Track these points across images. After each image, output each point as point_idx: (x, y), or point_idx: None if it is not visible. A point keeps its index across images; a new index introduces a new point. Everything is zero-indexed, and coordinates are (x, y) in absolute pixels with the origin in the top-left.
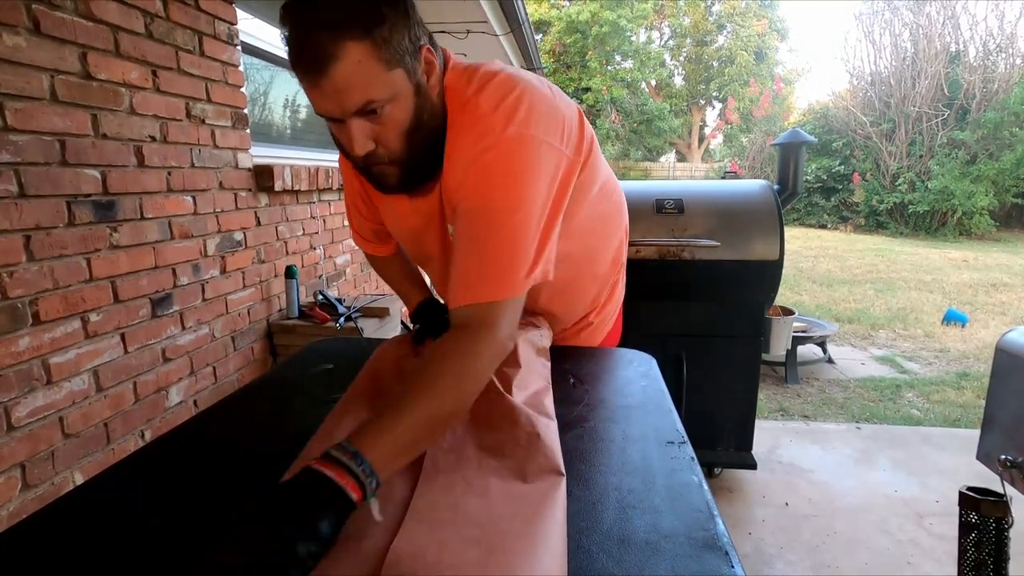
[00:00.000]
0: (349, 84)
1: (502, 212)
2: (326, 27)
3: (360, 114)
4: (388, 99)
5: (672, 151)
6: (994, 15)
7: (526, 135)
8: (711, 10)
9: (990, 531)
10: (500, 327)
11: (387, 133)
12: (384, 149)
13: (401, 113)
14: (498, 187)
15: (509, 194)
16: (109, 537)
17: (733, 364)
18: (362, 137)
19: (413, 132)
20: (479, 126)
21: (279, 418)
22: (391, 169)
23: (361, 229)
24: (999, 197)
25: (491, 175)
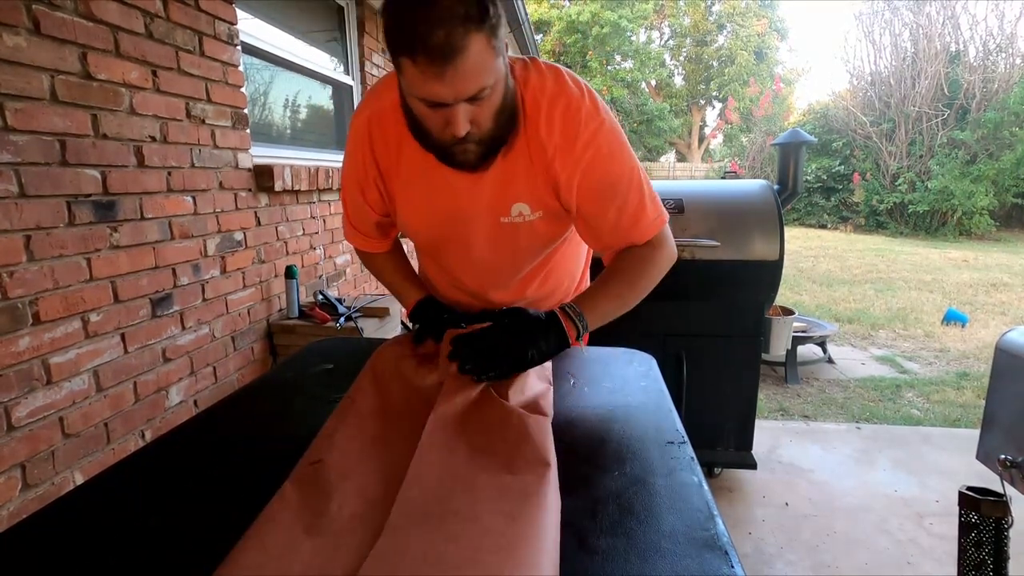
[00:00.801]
0: (470, 73)
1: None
2: (453, 19)
3: (468, 99)
4: (493, 84)
5: (672, 151)
6: (994, 15)
7: (607, 110)
8: (711, 10)
9: (990, 531)
10: (667, 244)
11: (483, 114)
12: (476, 129)
13: (497, 96)
14: (618, 157)
15: (626, 159)
16: (109, 537)
17: (733, 364)
18: (465, 120)
19: (501, 113)
20: (580, 113)
21: (279, 418)
22: (474, 147)
23: (361, 224)
24: (999, 197)
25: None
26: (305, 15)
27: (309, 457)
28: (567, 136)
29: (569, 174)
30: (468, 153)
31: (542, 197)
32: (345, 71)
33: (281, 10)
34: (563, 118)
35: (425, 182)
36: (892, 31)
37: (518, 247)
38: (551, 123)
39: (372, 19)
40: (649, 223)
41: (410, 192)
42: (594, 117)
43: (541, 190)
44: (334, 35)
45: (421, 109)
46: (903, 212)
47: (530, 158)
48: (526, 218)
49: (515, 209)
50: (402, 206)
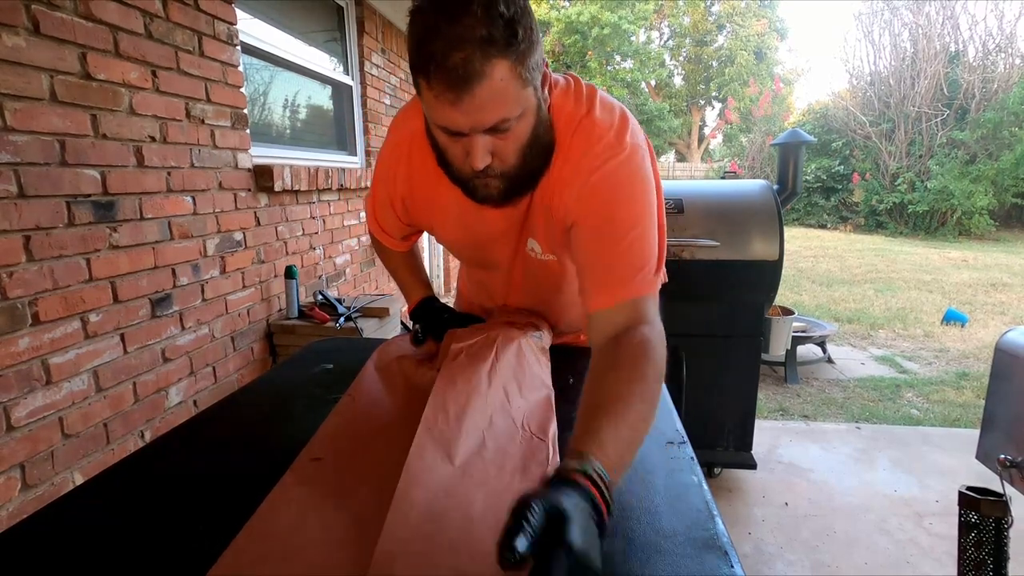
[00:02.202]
0: (490, 102)
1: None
2: (475, 43)
3: (488, 130)
4: (518, 116)
5: (672, 151)
6: (993, 15)
7: (636, 146)
8: (711, 10)
9: (990, 531)
10: (658, 321)
11: (507, 148)
12: (499, 162)
13: (524, 129)
14: (624, 200)
15: (638, 201)
16: (109, 537)
17: (733, 364)
18: (484, 152)
19: (529, 147)
20: (601, 142)
21: (279, 418)
22: (496, 182)
23: (388, 226)
24: (998, 197)
25: (617, 189)
26: (305, 15)
27: (309, 453)
28: (579, 164)
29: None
30: (490, 188)
31: (553, 237)
32: (345, 71)
33: (281, 10)
34: (580, 145)
35: (457, 205)
36: (892, 31)
37: (547, 280)
38: (569, 152)
39: (372, 19)
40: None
41: (445, 210)
42: (614, 147)
43: (549, 228)
44: (334, 35)
45: (441, 136)
46: (903, 212)
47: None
48: (538, 256)
49: (530, 244)
50: (438, 222)
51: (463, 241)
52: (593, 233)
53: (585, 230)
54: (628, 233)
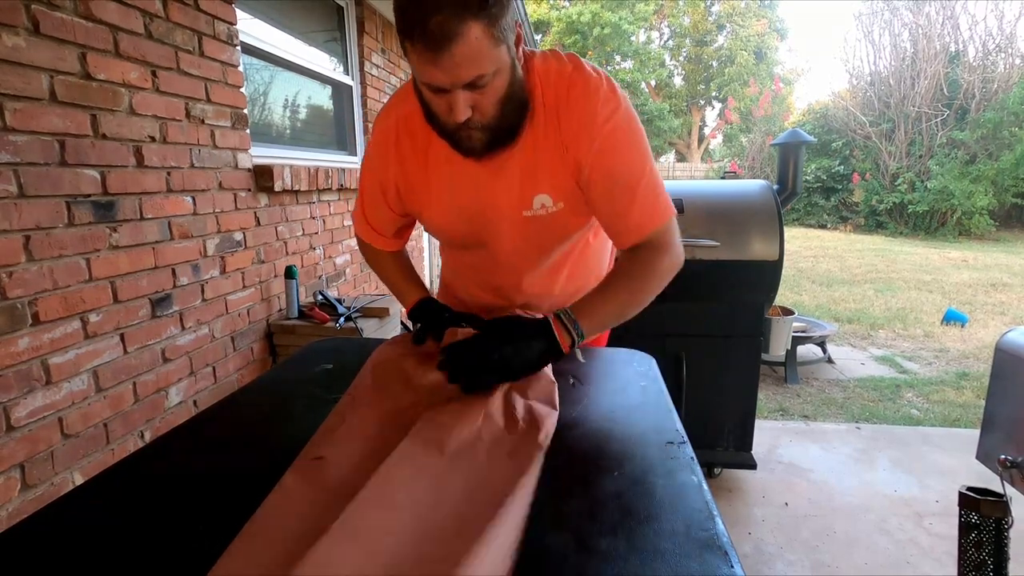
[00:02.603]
0: (465, 60)
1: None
2: (451, 7)
3: (467, 86)
4: (493, 73)
5: (672, 151)
6: (993, 15)
7: (626, 97)
8: (711, 10)
9: (990, 531)
10: (673, 244)
11: (485, 102)
12: (479, 115)
13: (500, 84)
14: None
15: (638, 140)
16: (109, 537)
17: (733, 364)
18: (464, 106)
19: (506, 101)
20: (599, 95)
21: (279, 418)
22: (479, 134)
23: (377, 221)
24: (998, 197)
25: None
26: (305, 15)
27: (310, 452)
28: (585, 116)
29: (586, 153)
30: (473, 140)
31: (564, 185)
32: (345, 71)
33: (281, 10)
34: (582, 99)
35: (451, 179)
36: (892, 31)
37: (542, 241)
38: (570, 105)
39: (372, 19)
40: (657, 214)
41: (437, 190)
42: (611, 99)
43: (562, 177)
44: (334, 35)
45: (427, 94)
46: (903, 212)
47: (550, 145)
48: (548, 210)
49: (537, 201)
50: (429, 204)
51: (458, 219)
52: (613, 182)
53: (605, 180)
54: (642, 178)
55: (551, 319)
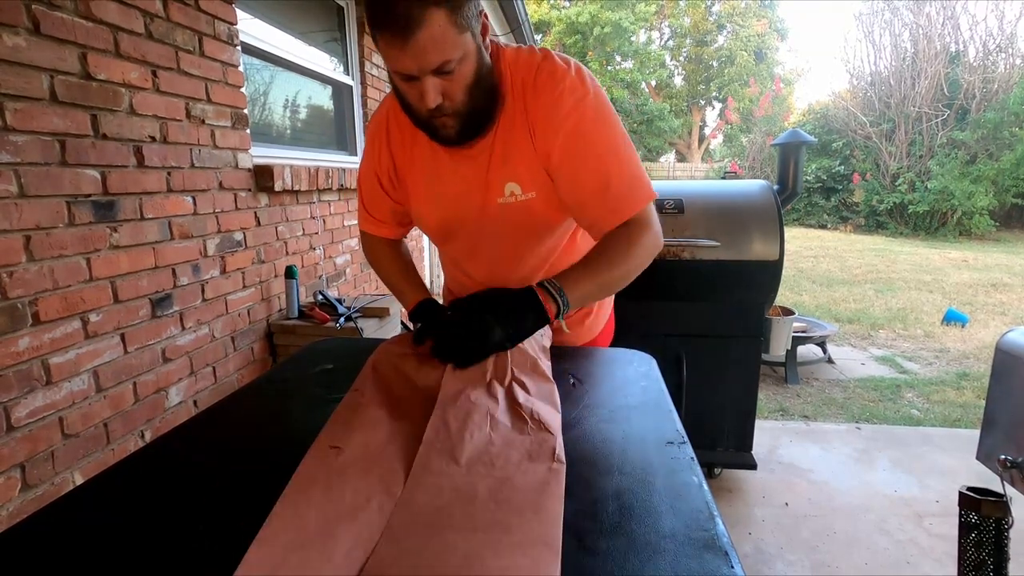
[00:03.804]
0: (430, 46)
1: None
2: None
3: (435, 72)
4: (460, 59)
5: (672, 151)
6: (994, 15)
7: (596, 85)
8: (711, 10)
9: (990, 531)
10: (653, 224)
11: (454, 88)
12: (450, 102)
13: (467, 70)
14: (601, 124)
15: (609, 125)
16: (109, 537)
17: (733, 364)
18: (434, 92)
19: (474, 87)
20: (564, 83)
21: (279, 418)
22: (451, 121)
23: (376, 210)
24: (999, 197)
25: (592, 118)
26: (305, 15)
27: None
28: (551, 104)
29: (552, 141)
30: (447, 127)
31: (535, 174)
32: (345, 71)
33: (281, 10)
34: (548, 86)
35: (431, 168)
36: (892, 31)
37: (517, 233)
38: (536, 92)
39: None
40: (635, 198)
41: (421, 181)
42: (578, 87)
43: (532, 165)
44: (334, 35)
45: (400, 84)
46: (903, 212)
47: (520, 134)
48: (518, 198)
49: (507, 189)
50: (415, 195)
51: (437, 207)
52: (582, 172)
53: (574, 171)
54: (617, 159)
55: (534, 287)
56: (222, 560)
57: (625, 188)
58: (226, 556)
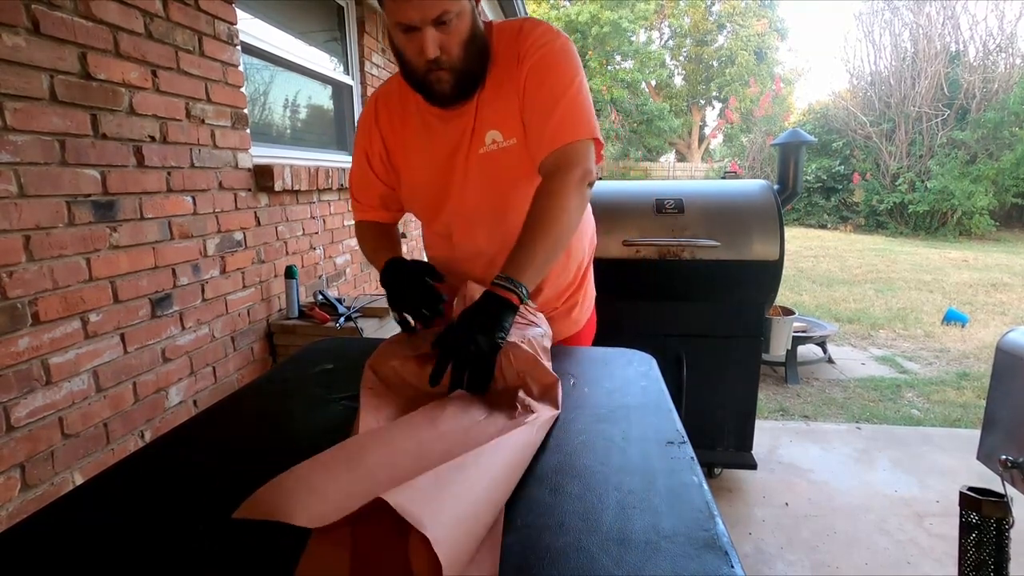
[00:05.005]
0: None
1: (569, 76)
2: None
3: (435, 23)
4: (457, 13)
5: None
6: (994, 15)
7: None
8: (711, 10)
9: (991, 531)
10: (579, 165)
11: (451, 42)
12: (446, 56)
13: (463, 26)
14: (563, 61)
15: (571, 65)
16: (109, 537)
17: (733, 364)
18: (433, 44)
19: (469, 43)
20: (541, 27)
21: (279, 418)
22: (447, 76)
23: (366, 195)
24: (999, 197)
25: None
26: (305, 15)
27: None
28: (524, 45)
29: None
30: (443, 83)
31: (514, 120)
32: (345, 71)
33: (281, 10)
34: (527, 31)
35: (426, 140)
36: (892, 31)
37: (500, 182)
38: (512, 40)
39: (372, 19)
40: (575, 128)
41: (413, 151)
42: (549, 32)
43: (511, 112)
44: (334, 35)
45: (400, 38)
46: (903, 212)
47: (501, 85)
48: (500, 145)
49: (488, 137)
50: (407, 171)
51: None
52: (538, 94)
53: (531, 92)
54: (567, 92)
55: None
56: (222, 560)
57: (568, 116)
58: (226, 556)
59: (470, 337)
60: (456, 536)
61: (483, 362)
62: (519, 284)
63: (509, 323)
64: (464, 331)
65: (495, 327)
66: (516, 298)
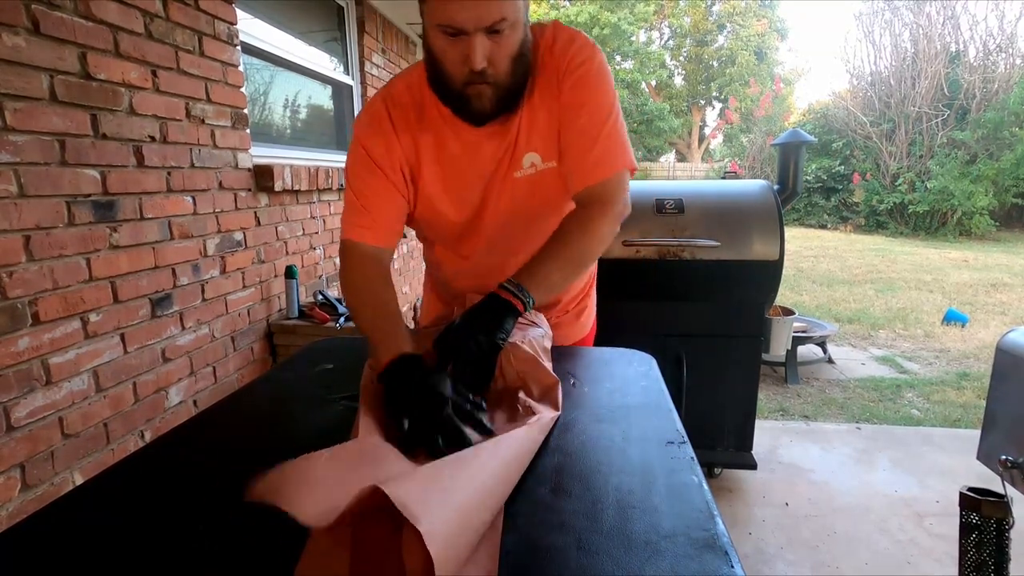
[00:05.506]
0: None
1: (608, 102)
2: None
3: (488, 31)
4: (511, 22)
5: (672, 151)
6: (994, 15)
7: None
8: (711, 10)
9: (991, 532)
10: (618, 200)
11: (501, 54)
12: (493, 69)
13: (514, 38)
14: (603, 82)
15: (610, 87)
16: (109, 537)
17: (733, 364)
18: (482, 53)
19: (517, 59)
20: (578, 39)
21: (279, 418)
22: (489, 91)
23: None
24: (999, 197)
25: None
26: (305, 15)
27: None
28: (560, 60)
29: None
30: (483, 98)
31: (553, 142)
32: (345, 71)
33: (281, 10)
34: (556, 42)
35: (453, 157)
36: (892, 31)
37: (531, 206)
38: (548, 51)
39: (372, 19)
40: (615, 161)
41: (434, 170)
42: (587, 47)
43: (551, 133)
44: (334, 35)
45: (440, 43)
46: (903, 212)
47: (541, 104)
48: (538, 168)
49: (527, 160)
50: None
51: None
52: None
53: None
54: (607, 120)
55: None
56: (222, 560)
57: (608, 149)
58: (226, 556)
59: (471, 336)
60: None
61: (483, 362)
62: (527, 294)
63: (510, 326)
64: (465, 330)
65: (496, 328)
66: (521, 305)
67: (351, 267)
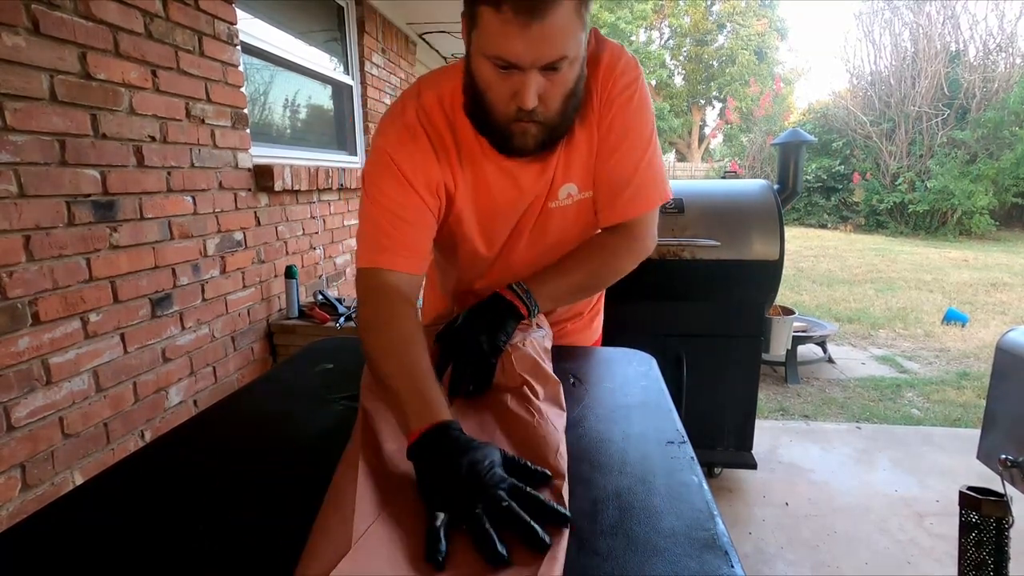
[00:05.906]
0: (557, 34)
1: (648, 133)
2: None
3: (544, 68)
4: (571, 59)
5: (672, 151)
6: (994, 15)
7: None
8: (711, 10)
9: (991, 531)
10: (646, 236)
11: (554, 92)
12: (543, 108)
13: (571, 75)
14: (645, 112)
15: (651, 117)
16: (109, 537)
17: (733, 364)
18: (535, 91)
19: (571, 97)
20: (619, 66)
21: (279, 418)
22: (535, 129)
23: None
24: (999, 197)
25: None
26: (305, 15)
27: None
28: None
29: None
30: (527, 136)
31: (591, 169)
32: (345, 71)
33: (281, 10)
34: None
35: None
36: (892, 31)
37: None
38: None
39: (372, 19)
40: (650, 197)
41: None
42: (632, 68)
43: (591, 161)
44: (334, 35)
45: (488, 74)
46: (903, 212)
47: (580, 128)
48: (574, 198)
49: (563, 191)
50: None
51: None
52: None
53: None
54: (644, 153)
55: (500, 290)
56: (222, 560)
57: (643, 186)
58: (226, 556)
59: (472, 336)
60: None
61: (483, 363)
62: (533, 300)
63: (512, 328)
64: (466, 330)
65: (498, 329)
66: (525, 309)
67: (375, 303)
